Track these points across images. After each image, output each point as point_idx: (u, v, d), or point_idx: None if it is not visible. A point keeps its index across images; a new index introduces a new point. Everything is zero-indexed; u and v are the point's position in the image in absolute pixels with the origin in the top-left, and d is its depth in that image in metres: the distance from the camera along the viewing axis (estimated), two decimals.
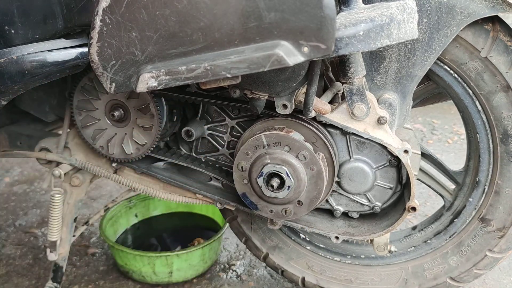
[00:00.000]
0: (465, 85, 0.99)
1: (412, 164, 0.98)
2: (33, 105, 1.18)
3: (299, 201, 0.96)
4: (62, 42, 0.87)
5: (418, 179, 1.21)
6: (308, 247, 1.23)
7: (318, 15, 0.65)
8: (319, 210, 1.11)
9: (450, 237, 1.13)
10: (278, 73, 0.84)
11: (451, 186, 1.19)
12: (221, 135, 1.10)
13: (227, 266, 1.54)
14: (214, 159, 1.13)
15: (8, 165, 2.42)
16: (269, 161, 0.93)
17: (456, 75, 0.99)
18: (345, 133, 0.98)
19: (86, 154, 1.17)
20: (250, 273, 1.50)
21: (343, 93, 0.93)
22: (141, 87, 0.75)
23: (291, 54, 0.67)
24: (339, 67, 0.90)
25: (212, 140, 1.10)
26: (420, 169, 1.22)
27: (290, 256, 1.25)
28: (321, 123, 0.97)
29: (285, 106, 0.92)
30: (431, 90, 1.13)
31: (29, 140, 1.25)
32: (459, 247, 1.11)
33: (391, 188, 1.02)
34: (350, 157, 1.00)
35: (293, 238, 1.24)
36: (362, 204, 1.06)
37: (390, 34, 0.75)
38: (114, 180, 1.17)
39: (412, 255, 1.17)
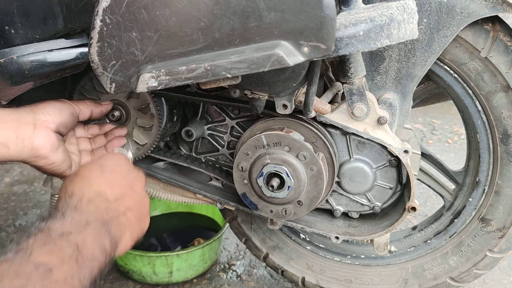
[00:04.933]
0: (465, 85, 0.99)
1: (412, 164, 0.98)
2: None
3: (299, 201, 0.96)
4: (62, 42, 0.87)
5: (418, 179, 1.21)
6: (308, 247, 1.23)
7: (318, 15, 0.65)
8: (319, 210, 1.11)
9: (450, 237, 1.13)
10: (278, 73, 0.84)
11: (451, 186, 1.19)
12: (221, 135, 1.10)
13: (227, 266, 1.54)
14: (214, 159, 1.13)
15: (8, 165, 2.42)
16: (269, 161, 0.93)
17: (456, 75, 0.99)
18: (345, 133, 0.98)
19: None
20: (250, 273, 1.50)
21: (343, 93, 0.93)
22: (141, 87, 0.75)
23: (291, 54, 0.67)
24: (339, 67, 0.90)
25: (212, 140, 1.10)
26: (420, 169, 1.22)
27: (290, 256, 1.24)
28: (321, 123, 0.97)
29: (285, 106, 0.92)
30: (431, 90, 1.13)
31: None
32: (459, 247, 1.11)
33: (391, 188, 1.02)
34: (350, 157, 1.00)
35: (293, 238, 1.24)
36: (362, 204, 1.06)
37: (390, 34, 0.75)
38: None
39: (412, 255, 1.17)
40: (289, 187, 0.93)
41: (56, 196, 1.23)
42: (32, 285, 0.54)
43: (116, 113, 1.04)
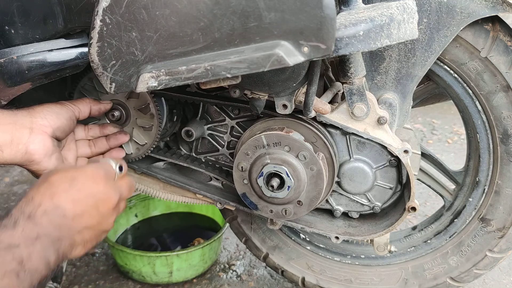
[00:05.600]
0: (465, 85, 0.99)
1: (412, 164, 0.98)
2: (33, 105, 1.18)
3: (299, 201, 0.96)
4: (62, 42, 0.87)
5: (418, 179, 1.21)
6: (308, 247, 1.23)
7: (318, 15, 0.65)
8: (319, 210, 1.11)
9: (450, 237, 1.13)
10: (278, 73, 0.84)
11: (451, 186, 1.19)
12: (221, 135, 1.10)
13: (227, 266, 1.54)
14: (214, 159, 1.13)
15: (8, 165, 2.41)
16: (269, 161, 0.93)
17: (456, 75, 0.99)
18: (345, 133, 0.98)
19: None
20: (250, 273, 1.50)
21: (343, 93, 0.93)
22: (141, 87, 0.75)
23: (291, 54, 0.67)
24: (339, 67, 0.90)
25: (212, 140, 1.10)
26: (420, 169, 1.22)
27: (290, 256, 1.24)
28: (321, 123, 0.97)
29: (285, 106, 0.92)
30: (431, 90, 1.13)
31: None
32: (459, 247, 1.11)
33: (391, 188, 1.02)
34: (350, 157, 1.00)
35: (293, 238, 1.24)
36: (362, 204, 1.06)
37: (390, 34, 0.75)
38: None
39: (412, 255, 1.17)
40: (289, 187, 0.93)
41: None
42: None
43: (116, 113, 1.04)
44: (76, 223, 0.70)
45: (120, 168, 0.82)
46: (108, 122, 1.05)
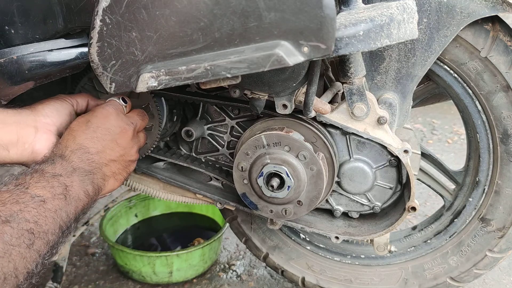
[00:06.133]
0: (465, 85, 0.99)
1: (412, 164, 0.98)
2: (34, 103, 1.18)
3: (299, 201, 0.96)
4: (62, 42, 0.87)
5: (418, 179, 1.21)
6: (308, 247, 1.23)
7: (318, 15, 0.65)
8: (319, 210, 1.11)
9: (450, 237, 1.13)
10: (278, 73, 0.84)
11: (451, 186, 1.19)
12: (221, 135, 1.10)
13: (227, 266, 1.54)
14: (214, 159, 1.13)
15: (8, 165, 2.41)
16: (269, 161, 0.93)
17: (456, 75, 0.99)
18: (345, 133, 0.98)
19: None
20: (250, 273, 1.50)
21: (343, 93, 0.93)
22: (141, 87, 0.75)
23: (291, 54, 0.67)
24: (339, 67, 0.90)
25: (212, 140, 1.10)
26: (420, 169, 1.22)
27: (290, 256, 1.25)
28: (321, 123, 0.97)
29: (285, 106, 0.92)
30: (431, 90, 1.13)
31: None
32: (459, 247, 1.11)
33: (391, 188, 1.02)
34: (350, 157, 1.00)
35: (293, 238, 1.24)
36: (362, 204, 1.06)
37: (390, 34, 0.75)
38: None
39: (412, 255, 1.17)
40: (289, 187, 0.93)
41: None
42: (28, 210, 0.65)
43: None
44: (101, 157, 0.82)
45: (124, 101, 0.92)
46: None
